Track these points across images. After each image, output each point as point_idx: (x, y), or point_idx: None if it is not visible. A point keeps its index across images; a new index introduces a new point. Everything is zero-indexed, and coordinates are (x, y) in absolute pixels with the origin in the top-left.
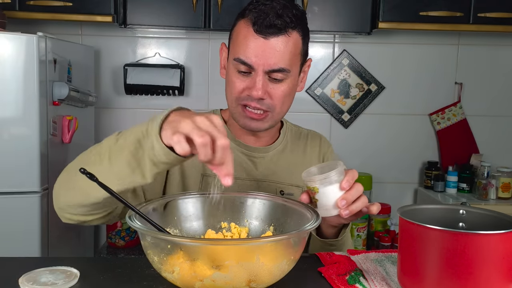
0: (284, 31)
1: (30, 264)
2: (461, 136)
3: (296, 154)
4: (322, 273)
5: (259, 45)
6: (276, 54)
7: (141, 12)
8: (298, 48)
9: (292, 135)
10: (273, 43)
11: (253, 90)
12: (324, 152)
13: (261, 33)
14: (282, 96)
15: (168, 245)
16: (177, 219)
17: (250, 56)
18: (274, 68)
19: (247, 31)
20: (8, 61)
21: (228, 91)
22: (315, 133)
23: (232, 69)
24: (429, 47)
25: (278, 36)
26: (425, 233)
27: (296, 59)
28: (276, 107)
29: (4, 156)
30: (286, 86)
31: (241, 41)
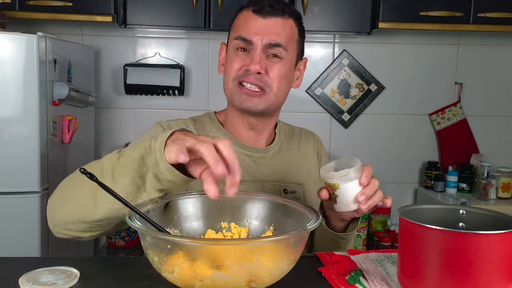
0: (281, 13)
1: (30, 264)
2: (461, 136)
3: (292, 152)
4: (322, 273)
5: (258, 23)
6: (274, 30)
7: (141, 12)
8: (294, 35)
9: (285, 134)
10: (271, 22)
11: (251, 65)
12: (318, 149)
13: (259, 13)
14: (278, 75)
15: (168, 245)
16: (177, 219)
17: (249, 32)
18: (271, 42)
19: (247, 14)
20: (8, 61)
21: (226, 73)
22: (307, 131)
23: (232, 52)
24: (429, 47)
25: (276, 17)
26: (425, 233)
27: (292, 44)
28: (273, 86)
29: (4, 156)
30: (283, 65)
31: (240, 23)
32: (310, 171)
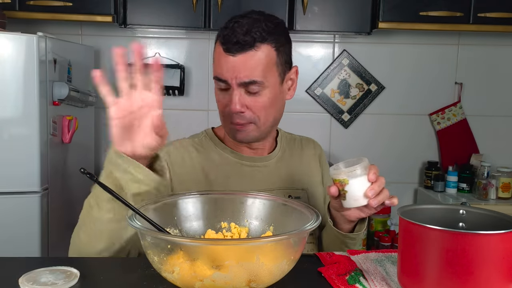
0: (250, 46)
1: (30, 264)
2: (461, 136)
3: (294, 159)
4: (322, 273)
5: (229, 62)
6: (246, 68)
7: (141, 12)
8: (272, 60)
9: (287, 142)
10: (241, 59)
11: (231, 105)
12: (319, 154)
13: (229, 51)
14: (262, 108)
15: (168, 245)
16: (177, 219)
17: (223, 72)
18: (245, 80)
19: (219, 52)
20: (8, 61)
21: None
22: (307, 138)
23: (216, 88)
24: (429, 47)
25: (246, 52)
26: (425, 233)
27: (270, 71)
28: (260, 118)
29: (4, 156)
30: (265, 97)
31: (216, 61)
32: (313, 176)
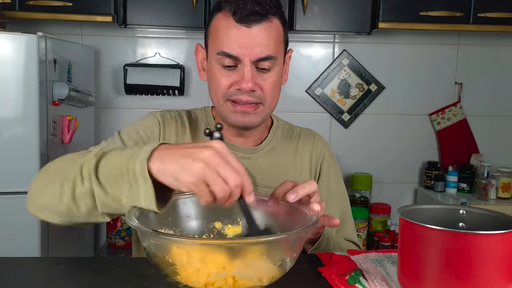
0: (266, 17)
1: (30, 264)
2: (461, 136)
3: (286, 154)
4: (322, 273)
5: (243, 35)
6: (261, 42)
7: (141, 12)
8: (280, 35)
9: (283, 134)
10: (257, 31)
11: (242, 83)
12: (318, 152)
13: (243, 22)
14: (272, 87)
15: (168, 245)
16: (176, 219)
17: (234, 47)
18: (261, 56)
19: (227, 23)
20: (8, 61)
21: (213, 90)
22: (309, 131)
23: (216, 66)
24: (429, 47)
25: (261, 23)
26: (425, 233)
27: (280, 47)
28: (267, 99)
29: (4, 156)
30: (275, 75)
31: (222, 34)
32: (301, 176)
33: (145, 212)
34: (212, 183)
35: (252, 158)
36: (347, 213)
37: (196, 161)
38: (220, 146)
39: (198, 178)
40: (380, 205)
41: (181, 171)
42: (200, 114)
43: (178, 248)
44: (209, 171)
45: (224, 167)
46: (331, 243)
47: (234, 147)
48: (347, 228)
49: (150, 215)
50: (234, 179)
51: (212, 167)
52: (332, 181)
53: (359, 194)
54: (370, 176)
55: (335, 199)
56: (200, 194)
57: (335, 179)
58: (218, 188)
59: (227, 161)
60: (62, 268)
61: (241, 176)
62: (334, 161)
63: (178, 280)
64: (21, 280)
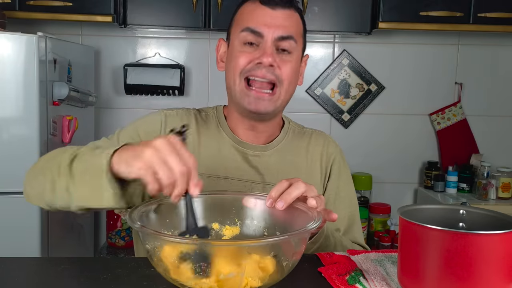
0: (290, 5)
1: (30, 264)
2: (461, 136)
3: (297, 153)
4: (322, 273)
5: (267, 15)
6: (284, 23)
7: (141, 12)
8: (300, 29)
9: (294, 135)
10: (280, 14)
11: (263, 57)
12: (329, 154)
13: (268, 4)
14: (290, 71)
15: (168, 245)
16: (175, 221)
17: (258, 24)
18: (283, 35)
19: (253, 6)
20: (8, 61)
21: (230, 69)
22: (320, 133)
23: (238, 45)
24: (429, 47)
25: (284, 8)
26: (425, 233)
27: (299, 38)
28: (284, 82)
29: (4, 156)
30: (293, 60)
31: (247, 15)
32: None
33: (145, 213)
34: (158, 169)
35: (262, 156)
36: (356, 217)
37: (147, 148)
38: (173, 138)
39: (146, 163)
40: (380, 205)
41: (133, 157)
42: (212, 112)
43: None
44: (157, 158)
45: (171, 154)
46: (331, 240)
47: (245, 145)
48: (355, 232)
49: (150, 217)
50: (179, 167)
51: (161, 155)
52: (341, 185)
53: (359, 194)
54: (370, 176)
55: (344, 203)
56: (147, 179)
57: (345, 182)
58: (163, 174)
59: (176, 150)
60: (62, 268)
61: (188, 166)
62: (345, 165)
63: (181, 282)
64: (21, 280)
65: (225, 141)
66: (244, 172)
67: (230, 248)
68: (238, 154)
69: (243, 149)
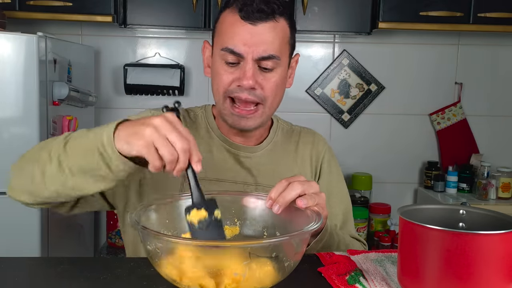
0: (272, 16)
1: (30, 264)
2: (461, 136)
3: (287, 153)
4: (322, 273)
5: (247, 32)
6: (265, 40)
7: (141, 12)
8: (286, 36)
9: (283, 133)
10: (261, 29)
11: (243, 80)
12: (319, 151)
13: (248, 19)
14: (274, 87)
15: (169, 246)
16: (175, 221)
17: (238, 44)
18: (264, 55)
19: (233, 19)
20: (8, 61)
21: (215, 85)
22: (308, 131)
23: (219, 62)
24: (429, 47)
25: (266, 21)
26: (425, 233)
27: (285, 48)
28: (268, 99)
29: (4, 156)
30: (278, 76)
31: (227, 29)
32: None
33: (146, 214)
34: (160, 146)
35: (253, 157)
36: (350, 213)
37: (147, 126)
38: (171, 116)
39: (147, 141)
40: (380, 205)
41: (133, 135)
42: (200, 112)
43: (181, 250)
44: (158, 135)
45: (172, 132)
46: (335, 238)
47: (236, 146)
48: (349, 227)
49: (151, 217)
50: (181, 143)
51: (161, 132)
52: (333, 181)
53: (359, 194)
54: (370, 176)
55: (337, 199)
56: (149, 157)
57: (336, 179)
58: (165, 151)
59: (176, 128)
60: (62, 268)
61: (189, 143)
62: (335, 161)
63: (184, 283)
64: (21, 280)
65: (216, 143)
66: (236, 174)
67: (231, 248)
68: (229, 156)
69: (234, 151)
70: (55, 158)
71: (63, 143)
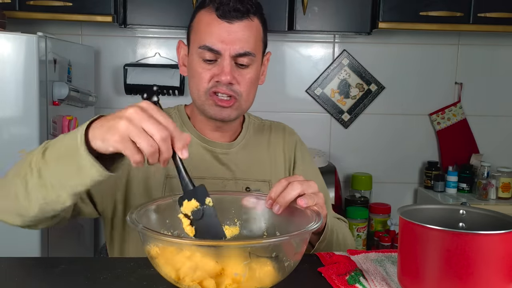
0: (247, 15)
1: (30, 264)
2: (461, 136)
3: (259, 148)
4: (322, 273)
5: (224, 30)
6: (241, 37)
7: (141, 12)
8: (260, 35)
9: (255, 128)
10: (238, 27)
11: (221, 76)
12: (290, 142)
13: (225, 17)
14: (249, 83)
15: (168, 246)
16: (175, 222)
17: (215, 41)
18: (240, 52)
19: (210, 18)
20: (8, 61)
21: (193, 84)
22: (278, 124)
23: (197, 60)
24: (429, 47)
25: (242, 20)
26: (425, 233)
27: (259, 46)
28: (243, 94)
29: (4, 156)
30: (253, 72)
31: (204, 28)
32: (277, 167)
33: (145, 214)
34: (137, 138)
35: (229, 153)
36: (328, 196)
37: (120, 119)
38: (145, 104)
39: (122, 135)
40: (380, 205)
41: (107, 131)
42: (174, 112)
43: (181, 250)
44: (133, 127)
45: (148, 121)
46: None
47: (213, 143)
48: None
49: (151, 217)
50: (159, 132)
51: (136, 123)
52: (307, 168)
53: (359, 194)
54: (370, 176)
55: None
56: (127, 152)
57: (310, 165)
58: (144, 143)
59: (152, 116)
60: (62, 268)
61: (169, 130)
62: (305, 149)
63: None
64: (21, 280)
65: (192, 140)
66: (215, 171)
67: (232, 248)
68: (207, 153)
69: (211, 148)
70: (35, 169)
71: (42, 151)
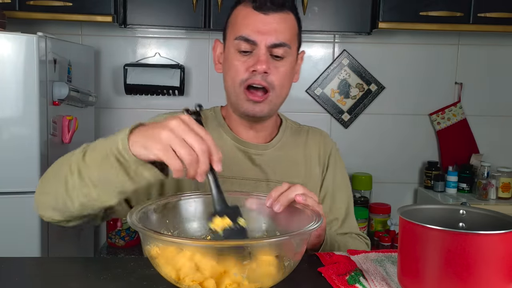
0: (282, 8)
1: (30, 264)
2: (461, 136)
3: (296, 149)
4: (322, 273)
5: (260, 21)
6: (277, 28)
7: (141, 12)
8: (295, 29)
9: (292, 132)
10: (273, 19)
11: (257, 65)
12: (326, 147)
13: (261, 9)
14: (283, 75)
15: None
16: (175, 221)
17: (251, 32)
18: (276, 42)
19: (246, 11)
20: (8, 61)
21: (229, 77)
22: (315, 130)
23: (233, 52)
24: (429, 47)
25: (277, 12)
26: (425, 233)
27: (294, 40)
28: (277, 87)
29: (4, 156)
30: (287, 65)
31: (240, 21)
32: (311, 169)
33: (145, 214)
34: (178, 148)
35: (264, 155)
36: (352, 207)
37: (163, 129)
38: (186, 117)
39: (165, 144)
40: (380, 205)
41: (150, 140)
42: (210, 113)
43: (182, 250)
44: (175, 138)
45: (189, 133)
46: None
47: (247, 144)
48: (352, 222)
49: (151, 217)
50: (199, 145)
51: (178, 134)
52: (338, 174)
53: (359, 194)
54: (370, 176)
55: (342, 192)
56: (168, 161)
57: (340, 172)
58: (184, 153)
59: (193, 129)
60: (62, 268)
61: (207, 143)
62: (340, 157)
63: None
64: (21, 280)
65: (227, 141)
66: (247, 171)
67: (232, 248)
68: (240, 153)
69: (245, 149)
70: (75, 171)
71: (82, 154)
